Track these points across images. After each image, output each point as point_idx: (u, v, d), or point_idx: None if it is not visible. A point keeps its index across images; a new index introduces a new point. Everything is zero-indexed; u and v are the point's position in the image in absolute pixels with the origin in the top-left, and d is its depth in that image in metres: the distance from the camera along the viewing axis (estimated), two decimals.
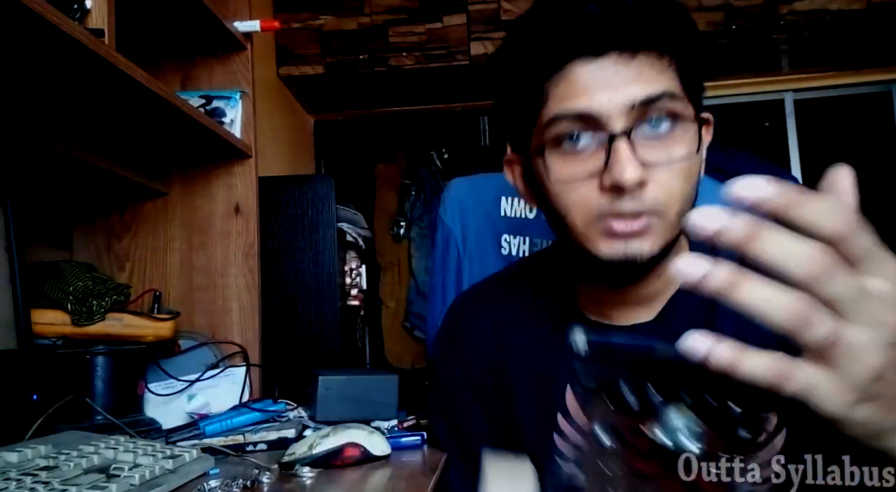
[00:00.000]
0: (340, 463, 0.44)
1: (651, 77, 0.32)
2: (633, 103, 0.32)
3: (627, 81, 0.32)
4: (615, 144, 0.32)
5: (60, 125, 0.56)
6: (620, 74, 0.32)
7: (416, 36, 1.53)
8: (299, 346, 0.83)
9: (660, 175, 0.32)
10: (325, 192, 0.86)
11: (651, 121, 0.32)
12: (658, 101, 0.32)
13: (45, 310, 0.54)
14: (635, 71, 0.32)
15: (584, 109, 0.32)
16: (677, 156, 0.32)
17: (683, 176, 0.33)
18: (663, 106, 0.32)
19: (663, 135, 0.32)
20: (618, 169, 0.31)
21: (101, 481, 0.34)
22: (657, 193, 0.32)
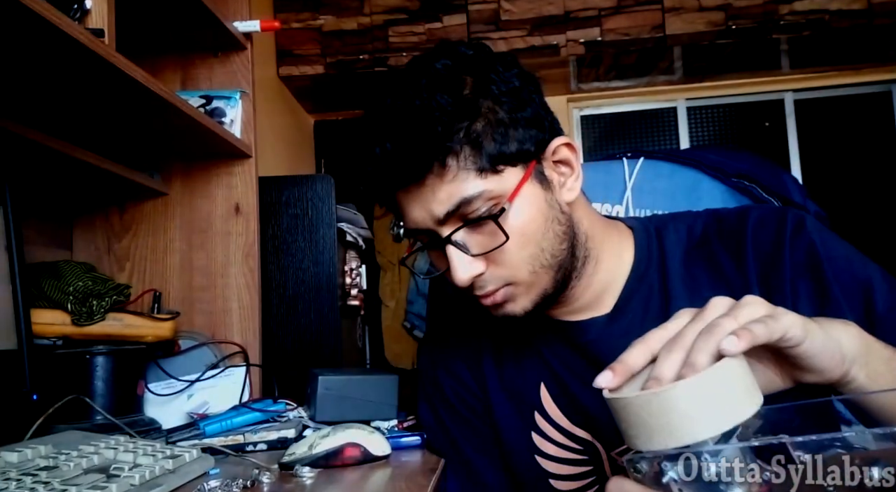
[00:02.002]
0: (340, 463, 0.44)
1: (444, 194, 0.35)
2: (437, 219, 0.35)
3: (426, 202, 0.36)
4: (448, 250, 0.36)
5: (61, 125, 0.56)
6: (422, 197, 0.36)
7: (416, 36, 1.54)
8: (299, 346, 0.83)
9: (496, 257, 0.36)
10: (324, 191, 0.86)
11: (466, 221, 0.36)
12: (457, 212, 0.35)
13: (44, 310, 0.54)
14: (427, 192, 0.35)
15: (414, 228, 0.37)
16: (499, 241, 0.35)
17: (520, 245, 0.36)
18: (463, 211, 0.35)
19: (483, 226, 0.36)
20: (452, 274, 0.36)
21: (102, 481, 0.34)
22: (498, 273, 0.36)
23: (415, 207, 0.36)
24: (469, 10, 1.53)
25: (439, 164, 0.34)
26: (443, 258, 0.37)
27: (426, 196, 0.35)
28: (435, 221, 0.36)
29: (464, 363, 0.45)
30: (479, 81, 0.36)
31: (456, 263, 0.36)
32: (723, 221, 0.41)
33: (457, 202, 0.35)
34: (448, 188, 0.35)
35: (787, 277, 0.37)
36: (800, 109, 1.73)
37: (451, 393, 0.45)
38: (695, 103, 1.78)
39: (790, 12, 1.46)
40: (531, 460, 0.42)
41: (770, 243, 0.38)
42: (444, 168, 0.34)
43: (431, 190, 0.35)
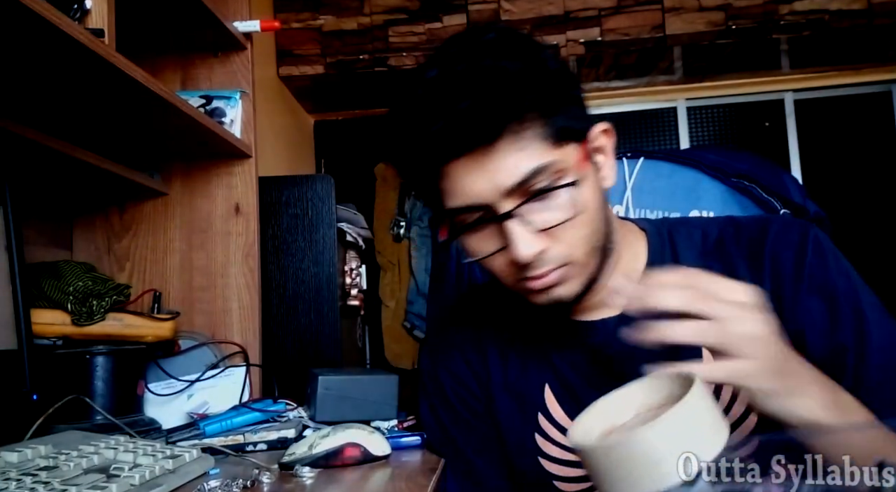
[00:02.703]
0: (340, 463, 0.44)
1: (515, 159, 0.33)
2: (506, 189, 0.34)
3: (494, 171, 0.34)
4: (507, 226, 0.34)
5: (61, 125, 0.56)
6: (487, 165, 0.34)
7: (416, 36, 1.53)
8: (299, 346, 0.83)
9: (559, 234, 0.35)
10: (324, 191, 0.86)
11: (531, 194, 0.34)
12: (527, 182, 0.34)
13: (44, 310, 0.54)
14: (499, 159, 0.33)
15: (472, 203, 0.35)
16: (567, 215, 0.35)
17: (582, 222, 0.35)
18: (534, 181, 0.34)
19: (548, 200, 0.35)
20: (514, 249, 0.34)
21: (101, 481, 0.34)
22: (560, 251, 0.35)
23: (477, 178, 0.34)
24: (469, 11, 1.53)
25: (514, 127, 0.33)
26: (490, 238, 0.35)
27: (494, 164, 0.33)
28: (500, 193, 0.34)
29: (466, 364, 0.44)
30: (539, 54, 0.35)
31: (519, 238, 0.34)
32: (741, 228, 0.40)
33: (527, 172, 0.33)
34: (518, 157, 0.33)
35: (801, 294, 0.37)
36: (800, 109, 1.73)
37: (452, 394, 0.45)
38: (695, 103, 1.78)
39: (790, 12, 1.46)
40: (534, 461, 0.41)
41: (790, 258, 0.37)
42: (516, 134, 0.33)
43: (501, 157, 0.33)
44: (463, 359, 0.44)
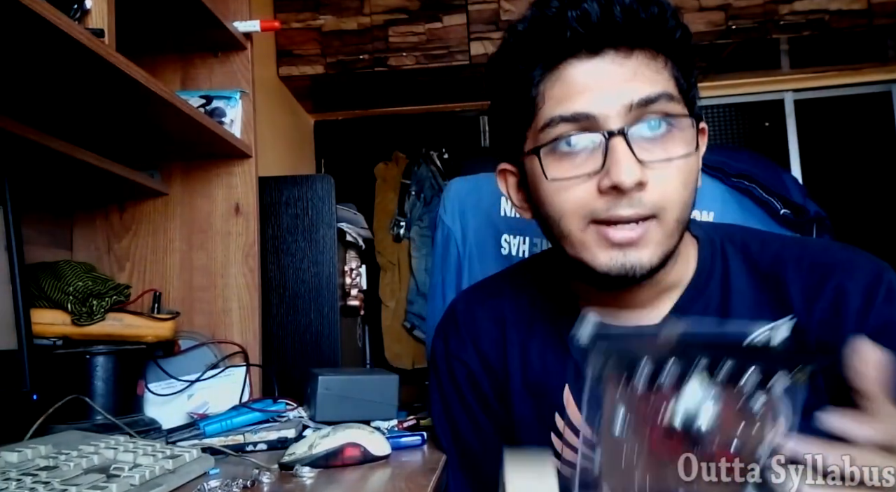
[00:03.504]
0: (340, 463, 0.44)
1: (648, 77, 0.32)
2: (631, 103, 0.31)
3: (624, 81, 0.31)
4: (612, 144, 0.31)
5: (61, 125, 0.56)
6: (617, 73, 0.31)
7: (416, 36, 1.54)
8: (299, 346, 0.83)
9: (658, 175, 0.32)
10: (324, 191, 0.86)
11: (648, 122, 0.32)
12: (655, 103, 0.32)
13: (44, 310, 0.54)
14: (631, 70, 0.31)
15: (580, 111, 0.32)
16: (675, 154, 0.32)
17: (682, 177, 0.33)
18: (660, 107, 0.32)
19: (660, 136, 0.32)
20: (616, 169, 0.31)
21: (101, 481, 0.34)
22: (656, 196, 0.32)
23: (598, 85, 0.31)
24: (469, 10, 1.53)
25: (662, 46, 0.31)
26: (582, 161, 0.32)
27: (628, 70, 0.31)
28: (621, 105, 0.31)
29: (480, 357, 0.42)
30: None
31: (625, 158, 0.30)
32: (807, 251, 0.36)
33: (659, 92, 0.31)
34: (654, 75, 0.31)
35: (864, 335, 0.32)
36: (800, 109, 1.73)
37: (465, 385, 0.42)
38: None
39: (790, 12, 1.46)
40: None
41: (859, 296, 0.34)
42: (655, 56, 0.31)
43: (636, 67, 0.31)
44: (477, 352, 0.42)
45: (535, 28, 0.32)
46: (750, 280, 0.37)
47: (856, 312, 0.34)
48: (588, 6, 0.31)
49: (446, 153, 1.78)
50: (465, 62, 1.53)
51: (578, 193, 0.33)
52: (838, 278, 0.35)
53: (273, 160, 1.39)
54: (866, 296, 0.34)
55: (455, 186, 0.68)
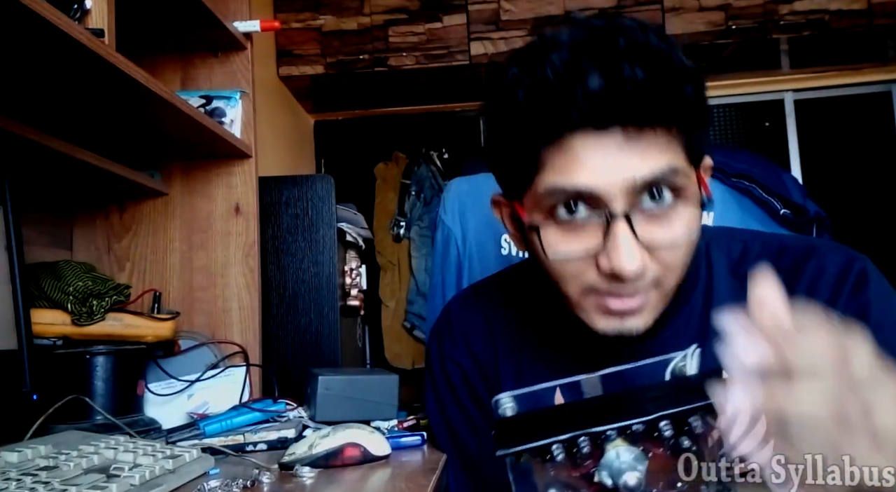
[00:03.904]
0: (340, 463, 0.44)
1: (656, 153, 0.30)
2: (635, 181, 0.30)
3: (631, 158, 0.29)
4: (614, 227, 0.30)
5: (61, 125, 0.56)
6: (624, 150, 0.29)
7: (416, 36, 1.54)
8: (299, 346, 0.83)
9: (661, 253, 0.31)
10: (324, 191, 0.86)
11: (653, 194, 0.30)
12: (662, 177, 0.30)
13: (44, 310, 0.54)
14: (640, 147, 0.29)
15: (582, 186, 0.30)
16: (679, 235, 0.31)
17: (685, 250, 0.32)
18: (667, 181, 0.30)
19: (665, 210, 0.31)
20: (616, 257, 0.30)
21: (101, 481, 0.34)
22: (657, 271, 0.31)
23: (603, 161, 0.29)
24: (469, 10, 1.53)
25: (672, 119, 0.29)
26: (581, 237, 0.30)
27: (633, 149, 0.29)
28: (625, 186, 0.29)
29: (472, 358, 0.42)
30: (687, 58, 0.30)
31: (626, 245, 0.29)
32: (786, 251, 0.36)
33: (666, 169, 0.29)
34: (661, 151, 0.29)
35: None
36: (800, 109, 1.73)
37: (459, 385, 0.42)
38: None
39: (790, 12, 1.46)
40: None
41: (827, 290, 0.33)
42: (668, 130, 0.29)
43: (645, 146, 0.29)
44: (470, 353, 0.42)
45: (537, 100, 0.30)
46: (732, 284, 0.36)
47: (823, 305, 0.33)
48: (593, 81, 0.28)
49: (446, 153, 1.78)
50: (465, 62, 1.53)
51: (578, 266, 0.32)
52: (809, 274, 0.34)
53: (273, 160, 1.39)
54: (834, 288, 0.33)
55: (455, 186, 0.68)
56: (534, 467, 0.24)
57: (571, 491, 0.24)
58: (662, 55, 0.29)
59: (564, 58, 0.29)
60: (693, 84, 0.30)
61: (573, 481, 0.23)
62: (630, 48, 0.29)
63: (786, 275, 0.34)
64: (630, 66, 0.28)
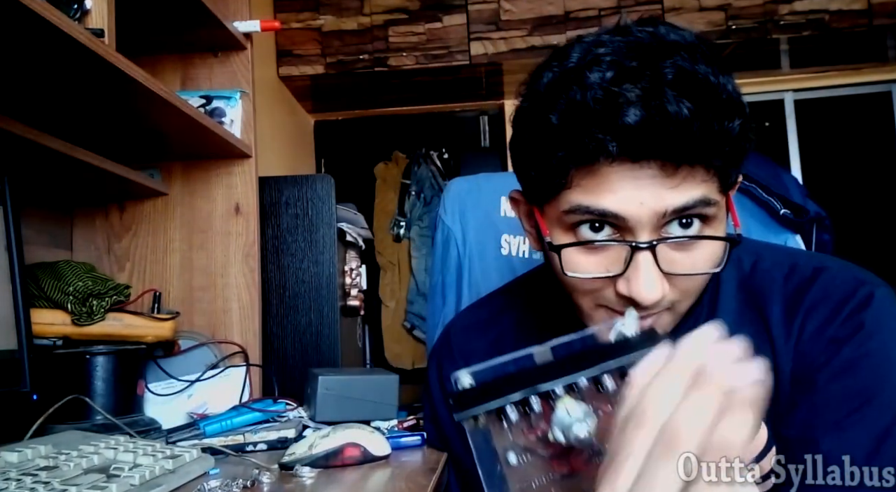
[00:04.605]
0: (340, 463, 0.44)
1: (692, 186, 0.29)
2: (665, 211, 0.29)
3: (664, 190, 0.28)
4: (638, 256, 0.29)
5: (61, 125, 0.56)
6: (657, 182, 0.28)
7: (416, 36, 1.54)
8: (299, 346, 0.83)
9: (680, 280, 0.30)
10: (324, 191, 0.86)
11: (680, 221, 0.30)
12: (692, 209, 0.29)
13: (44, 310, 0.54)
14: (676, 181, 0.28)
15: (610, 210, 0.29)
16: (702, 268, 0.30)
17: (704, 279, 0.31)
18: (697, 211, 0.29)
19: (694, 246, 0.30)
20: (636, 286, 0.29)
21: (101, 481, 0.34)
22: (674, 296, 0.31)
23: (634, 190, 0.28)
24: (469, 10, 1.53)
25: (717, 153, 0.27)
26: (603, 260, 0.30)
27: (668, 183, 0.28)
28: (656, 214, 0.28)
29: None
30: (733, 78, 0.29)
31: (647, 276, 0.29)
32: (796, 270, 0.35)
33: (698, 199, 0.28)
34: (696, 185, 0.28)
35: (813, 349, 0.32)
36: (800, 109, 1.73)
37: None
38: None
39: (790, 12, 1.46)
40: None
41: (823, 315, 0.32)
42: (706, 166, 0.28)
43: (680, 180, 0.28)
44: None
45: (572, 126, 0.28)
46: (738, 297, 0.35)
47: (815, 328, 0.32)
48: (633, 114, 0.27)
49: (446, 153, 1.78)
50: (465, 62, 1.53)
51: (595, 284, 0.31)
52: (811, 296, 0.33)
53: (273, 160, 1.39)
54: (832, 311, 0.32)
55: (455, 186, 0.68)
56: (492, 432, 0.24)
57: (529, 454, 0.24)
58: (710, 87, 0.28)
59: (605, 81, 0.28)
60: (740, 118, 0.29)
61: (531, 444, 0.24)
62: (677, 78, 0.27)
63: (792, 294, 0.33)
64: (675, 101, 0.27)
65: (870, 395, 0.30)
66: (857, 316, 0.31)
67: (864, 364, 0.31)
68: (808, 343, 0.32)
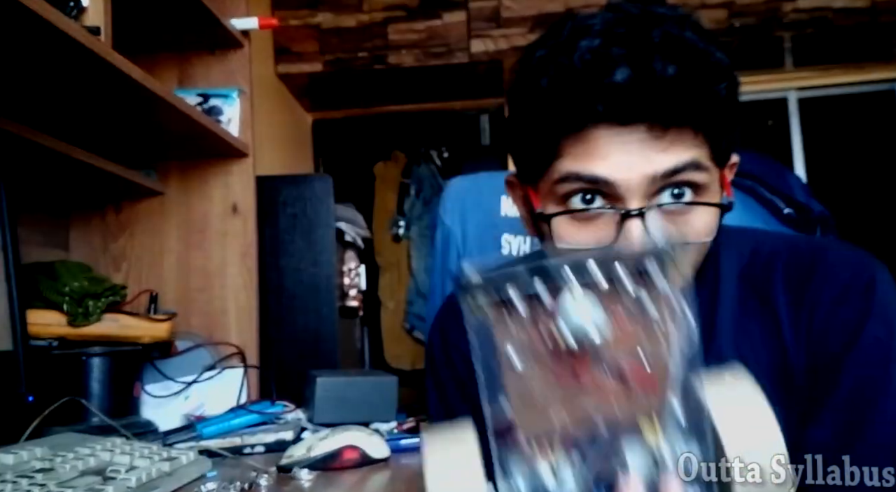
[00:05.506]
0: (339, 466, 0.44)
1: (681, 149, 0.29)
2: (655, 175, 0.29)
3: (653, 153, 0.29)
4: (629, 223, 0.29)
5: (57, 124, 0.56)
6: (646, 145, 0.28)
7: (415, 33, 1.53)
8: (297, 347, 0.82)
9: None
10: (323, 191, 0.86)
11: (672, 189, 0.30)
12: (683, 172, 0.29)
13: (40, 310, 0.54)
14: (665, 144, 0.29)
15: (601, 175, 0.29)
16: (695, 235, 0.30)
17: (699, 249, 0.31)
18: (687, 177, 0.29)
19: (684, 208, 0.30)
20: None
21: (98, 484, 0.34)
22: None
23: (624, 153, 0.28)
24: (469, 8, 1.52)
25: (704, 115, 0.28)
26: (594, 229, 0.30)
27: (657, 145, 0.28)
28: (645, 177, 0.28)
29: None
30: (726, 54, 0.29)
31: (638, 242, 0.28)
32: (797, 254, 0.35)
33: (687, 162, 0.28)
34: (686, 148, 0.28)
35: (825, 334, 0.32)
36: (803, 108, 1.72)
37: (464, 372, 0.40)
38: None
39: (793, 10, 1.45)
40: None
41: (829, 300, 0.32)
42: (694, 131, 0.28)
43: (669, 142, 0.28)
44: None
45: (560, 89, 0.29)
46: (739, 286, 0.35)
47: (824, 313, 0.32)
48: (620, 73, 0.27)
49: (446, 152, 1.77)
50: (465, 60, 1.52)
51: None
52: (818, 281, 0.33)
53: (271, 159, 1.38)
54: (840, 294, 0.32)
55: (455, 186, 0.68)
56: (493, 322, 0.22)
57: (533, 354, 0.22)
58: (697, 51, 0.28)
59: (593, 46, 0.28)
60: (727, 82, 0.29)
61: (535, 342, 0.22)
62: (664, 41, 0.28)
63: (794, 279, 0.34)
64: (662, 61, 0.27)
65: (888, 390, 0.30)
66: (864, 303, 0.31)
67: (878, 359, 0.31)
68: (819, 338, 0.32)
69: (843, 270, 0.33)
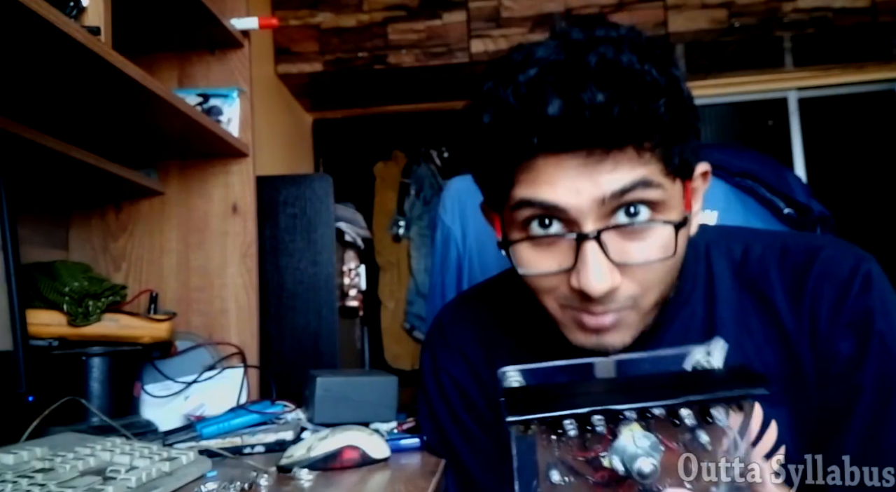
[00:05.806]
0: (339, 466, 0.43)
1: (627, 168, 0.29)
2: (604, 197, 0.29)
3: (599, 175, 0.29)
4: (584, 247, 0.30)
5: (57, 123, 0.56)
6: (590, 169, 0.29)
7: (415, 33, 1.53)
8: (297, 347, 0.82)
9: (635, 273, 0.30)
10: (323, 191, 0.86)
11: (626, 208, 0.30)
12: (632, 191, 0.29)
13: (40, 310, 0.54)
14: (609, 165, 0.29)
15: (549, 201, 0.30)
16: (654, 256, 0.30)
17: (665, 268, 0.31)
18: (638, 195, 0.30)
19: (640, 227, 0.30)
20: (585, 277, 0.29)
21: (98, 484, 0.34)
22: (631, 290, 0.31)
23: (569, 178, 0.29)
24: (469, 7, 1.52)
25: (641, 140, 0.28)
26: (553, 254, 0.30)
27: (601, 167, 0.28)
28: (594, 200, 0.29)
29: (469, 369, 0.42)
30: (674, 67, 0.30)
31: (595, 266, 0.29)
32: (788, 253, 0.35)
33: (635, 181, 0.28)
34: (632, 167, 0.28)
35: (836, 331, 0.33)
36: (803, 108, 1.72)
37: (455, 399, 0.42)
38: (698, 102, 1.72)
39: (793, 10, 1.45)
40: None
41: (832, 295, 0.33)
42: (638, 150, 0.28)
43: (613, 163, 0.28)
44: (466, 362, 0.42)
45: (500, 125, 0.30)
46: (735, 285, 0.35)
47: (829, 311, 0.33)
48: (552, 106, 0.28)
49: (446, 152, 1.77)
50: (465, 60, 1.52)
51: (552, 281, 0.32)
52: (814, 279, 0.33)
53: (271, 159, 1.38)
54: (840, 292, 0.33)
55: (455, 185, 0.68)
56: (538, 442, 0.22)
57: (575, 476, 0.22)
58: (632, 72, 0.29)
59: (529, 79, 0.29)
60: (667, 98, 0.29)
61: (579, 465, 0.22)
62: (599, 67, 0.28)
63: (791, 277, 0.34)
64: (592, 90, 0.28)
65: None
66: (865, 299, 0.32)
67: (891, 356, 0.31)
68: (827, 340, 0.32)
69: (839, 266, 0.33)
